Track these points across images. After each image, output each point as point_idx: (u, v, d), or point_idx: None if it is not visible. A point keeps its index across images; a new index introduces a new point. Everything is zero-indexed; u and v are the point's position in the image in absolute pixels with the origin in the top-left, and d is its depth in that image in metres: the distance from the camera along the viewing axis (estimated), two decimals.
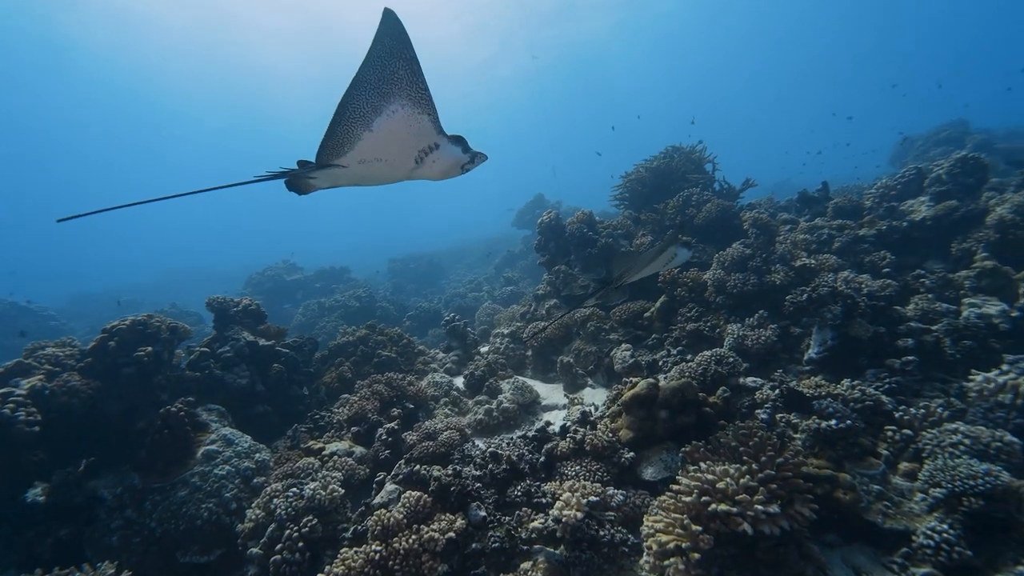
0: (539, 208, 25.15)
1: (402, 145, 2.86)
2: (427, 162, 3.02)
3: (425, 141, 2.90)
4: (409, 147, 2.90)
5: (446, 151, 3.03)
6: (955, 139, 18.86)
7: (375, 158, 2.88)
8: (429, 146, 2.94)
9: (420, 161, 3.00)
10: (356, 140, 2.73)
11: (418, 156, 2.97)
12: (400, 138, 2.81)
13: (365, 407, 6.76)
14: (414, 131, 2.80)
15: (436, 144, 2.95)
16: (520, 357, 9.10)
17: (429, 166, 3.05)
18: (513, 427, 7.27)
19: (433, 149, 2.97)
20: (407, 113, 2.70)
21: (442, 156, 3.03)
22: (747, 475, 4.00)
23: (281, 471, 5.72)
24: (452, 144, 3.04)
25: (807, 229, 7.98)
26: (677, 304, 7.94)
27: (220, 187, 2.77)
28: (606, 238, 9.58)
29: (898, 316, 6.10)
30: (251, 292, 20.45)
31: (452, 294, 18.49)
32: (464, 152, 3.11)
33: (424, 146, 2.93)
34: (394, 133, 2.76)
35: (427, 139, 2.89)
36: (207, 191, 2.73)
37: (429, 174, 3.11)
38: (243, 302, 7.71)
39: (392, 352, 8.76)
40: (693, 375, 5.98)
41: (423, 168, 3.05)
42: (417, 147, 2.92)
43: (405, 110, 2.69)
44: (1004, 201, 6.79)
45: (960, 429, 4.21)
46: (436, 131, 2.87)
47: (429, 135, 2.87)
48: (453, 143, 3.04)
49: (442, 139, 2.95)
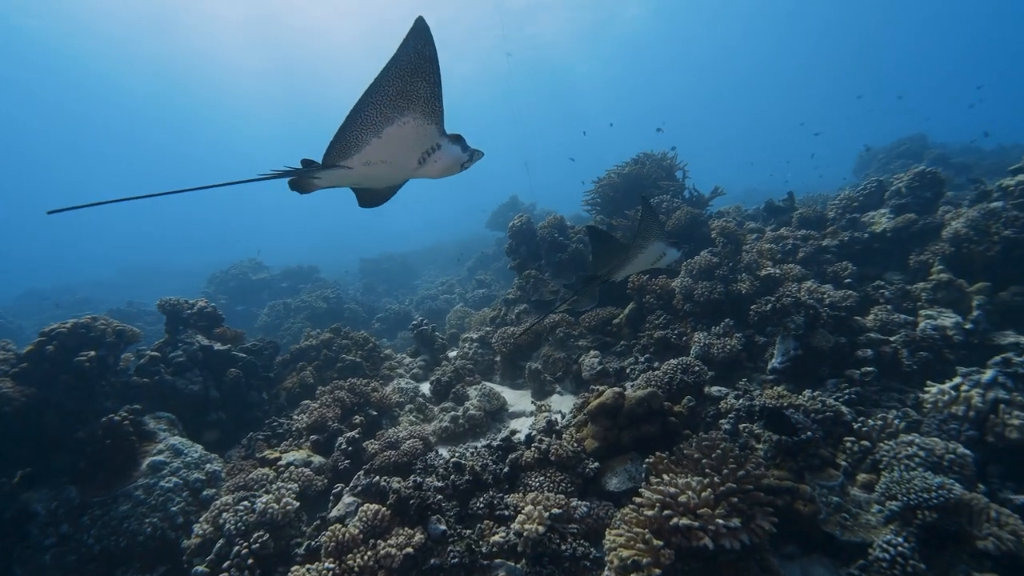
0: (513, 210, 25.08)
1: (408, 149, 2.93)
2: (429, 162, 3.08)
3: (429, 143, 2.97)
4: (414, 150, 2.97)
5: (447, 151, 3.08)
6: (914, 153, 19.57)
7: (381, 160, 2.93)
8: (432, 147, 3.01)
9: (423, 162, 3.06)
10: (364, 145, 2.78)
11: (421, 157, 3.03)
12: (407, 143, 2.88)
13: (325, 414, 6.54)
14: (421, 137, 2.88)
15: (438, 144, 3.01)
16: (489, 363, 8.97)
17: (431, 166, 3.11)
18: (479, 435, 7.15)
19: (435, 149, 3.03)
20: (418, 124, 2.78)
21: (443, 156, 3.09)
22: (709, 488, 3.98)
23: (233, 483, 5.46)
24: (452, 143, 3.09)
25: (773, 239, 8.10)
26: (646, 311, 7.94)
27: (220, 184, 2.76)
28: (577, 243, 9.54)
29: (858, 326, 6.21)
30: (214, 291, 19.79)
31: (423, 296, 18.24)
32: (463, 151, 3.17)
33: (427, 147, 2.99)
34: (402, 139, 2.82)
35: (431, 141, 2.96)
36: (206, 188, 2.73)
37: (430, 173, 3.17)
38: (198, 304, 7.37)
39: (357, 357, 8.53)
40: (659, 384, 5.96)
41: (425, 168, 3.11)
42: (421, 149, 2.98)
43: (417, 122, 2.76)
44: (959, 215, 7.00)
45: (915, 441, 4.28)
46: (440, 133, 2.94)
47: (433, 138, 2.94)
48: (453, 142, 3.10)
49: (443, 139, 3.01)
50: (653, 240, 4.69)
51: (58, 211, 2.45)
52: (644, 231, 4.61)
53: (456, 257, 23.19)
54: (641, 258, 4.84)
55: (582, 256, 9.43)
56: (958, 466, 4.14)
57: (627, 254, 4.75)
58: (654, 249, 4.82)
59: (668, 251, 4.95)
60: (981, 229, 6.51)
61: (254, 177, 2.77)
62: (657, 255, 4.92)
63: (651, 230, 4.60)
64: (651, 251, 4.82)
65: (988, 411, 4.54)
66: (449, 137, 3.04)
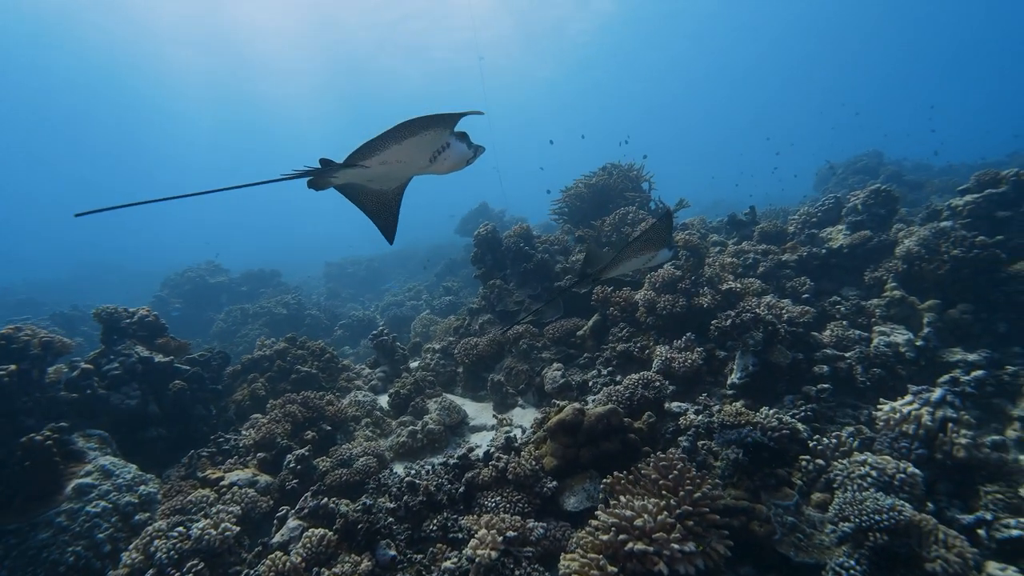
0: (483, 216, 24.93)
1: (422, 151, 3.15)
2: (439, 160, 3.26)
3: (440, 143, 3.17)
4: (427, 151, 3.18)
5: (455, 148, 3.28)
6: (871, 169, 20.30)
7: (396, 160, 3.14)
8: (442, 146, 3.20)
9: (433, 160, 3.25)
10: (384, 149, 2.99)
11: (432, 156, 3.23)
12: (422, 147, 3.10)
13: (274, 430, 6.22)
14: (435, 140, 3.10)
15: (447, 143, 3.21)
16: (451, 374, 8.77)
17: (440, 163, 3.29)
18: (438, 450, 6.94)
19: (445, 148, 3.22)
20: (435, 133, 3.02)
21: (452, 154, 3.28)
22: (665, 511, 3.89)
23: (169, 506, 5.12)
24: (459, 141, 3.28)
25: (734, 253, 8.18)
26: (609, 323, 7.89)
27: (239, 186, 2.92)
28: (542, 253, 9.45)
29: (815, 342, 6.28)
30: (168, 294, 18.95)
31: (389, 302, 17.87)
32: (468, 147, 3.35)
33: (438, 147, 3.19)
34: (419, 145, 3.05)
35: (442, 141, 3.17)
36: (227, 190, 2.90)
37: (439, 170, 3.35)
38: (139, 313, 6.94)
39: (313, 368, 8.21)
40: (620, 399, 5.89)
41: (434, 165, 3.30)
42: (433, 149, 3.18)
43: (435, 133, 3.01)
44: (911, 234, 7.19)
45: (868, 461, 4.29)
46: (450, 133, 3.14)
47: (444, 137, 3.15)
48: (460, 140, 3.28)
49: (452, 138, 3.21)
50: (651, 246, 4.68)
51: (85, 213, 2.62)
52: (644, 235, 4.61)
53: (423, 266, 22.86)
54: (636, 260, 4.82)
55: (548, 266, 9.34)
56: (908, 485, 4.17)
57: (622, 252, 4.70)
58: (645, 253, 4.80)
59: (660, 250, 4.94)
60: (932, 248, 6.69)
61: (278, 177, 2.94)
62: (650, 254, 4.90)
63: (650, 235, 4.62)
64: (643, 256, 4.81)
65: (937, 429, 4.60)
66: (456, 135, 3.22)
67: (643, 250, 4.68)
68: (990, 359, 5.89)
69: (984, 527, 3.96)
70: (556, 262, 9.54)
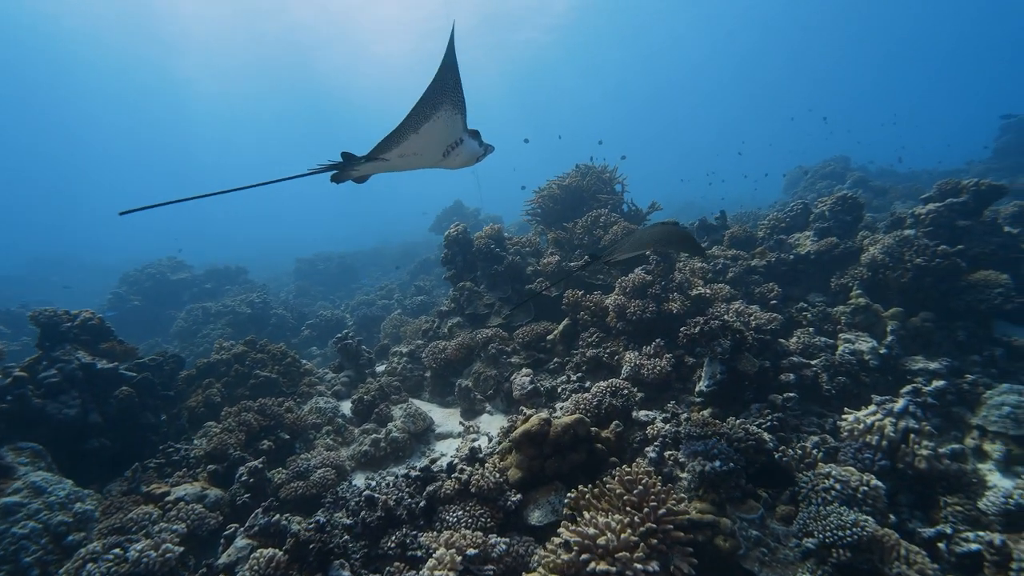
0: (457, 215, 24.66)
1: (438, 143, 3.24)
2: (452, 155, 3.38)
3: (454, 137, 3.27)
4: (443, 144, 3.27)
5: (467, 145, 3.40)
6: (838, 174, 20.73)
7: (414, 153, 3.21)
8: (456, 141, 3.31)
9: (447, 154, 3.36)
10: (403, 140, 3.06)
11: (446, 150, 3.33)
12: (438, 137, 3.18)
13: (227, 441, 5.92)
14: (450, 130, 3.16)
15: (461, 139, 3.32)
16: (418, 379, 8.55)
17: (453, 158, 3.41)
18: (402, 458, 6.73)
19: (458, 143, 3.33)
20: (448, 116, 3.04)
21: (464, 150, 3.41)
22: (629, 528, 3.77)
23: (107, 525, 4.79)
24: (471, 138, 3.41)
25: (704, 258, 8.15)
26: (580, 328, 7.78)
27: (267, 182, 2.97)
28: (514, 255, 9.28)
29: (782, 350, 6.27)
30: (127, 291, 18.15)
31: (360, 301, 17.45)
32: (479, 145, 3.50)
33: (452, 141, 3.29)
34: (435, 133, 3.11)
35: (456, 135, 3.26)
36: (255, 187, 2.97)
37: (451, 164, 3.46)
38: (81, 315, 6.52)
39: (273, 372, 7.88)
40: (588, 408, 5.77)
41: (447, 160, 3.40)
42: (447, 143, 3.28)
43: (447, 114, 3.02)
44: (876, 241, 7.27)
45: (832, 473, 4.26)
46: (463, 128, 3.24)
47: (458, 132, 3.24)
48: (472, 137, 3.41)
49: (465, 134, 3.32)
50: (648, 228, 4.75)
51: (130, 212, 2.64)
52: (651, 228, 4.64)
53: (395, 266, 22.44)
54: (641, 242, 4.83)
55: (519, 268, 9.18)
56: (871, 498, 4.15)
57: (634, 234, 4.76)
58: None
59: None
60: (896, 256, 6.76)
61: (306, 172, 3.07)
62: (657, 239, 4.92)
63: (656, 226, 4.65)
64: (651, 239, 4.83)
65: (899, 440, 4.61)
66: (469, 132, 3.35)
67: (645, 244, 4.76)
68: (950, 367, 5.97)
69: (944, 541, 3.96)
70: (527, 264, 9.39)
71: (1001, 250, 7.12)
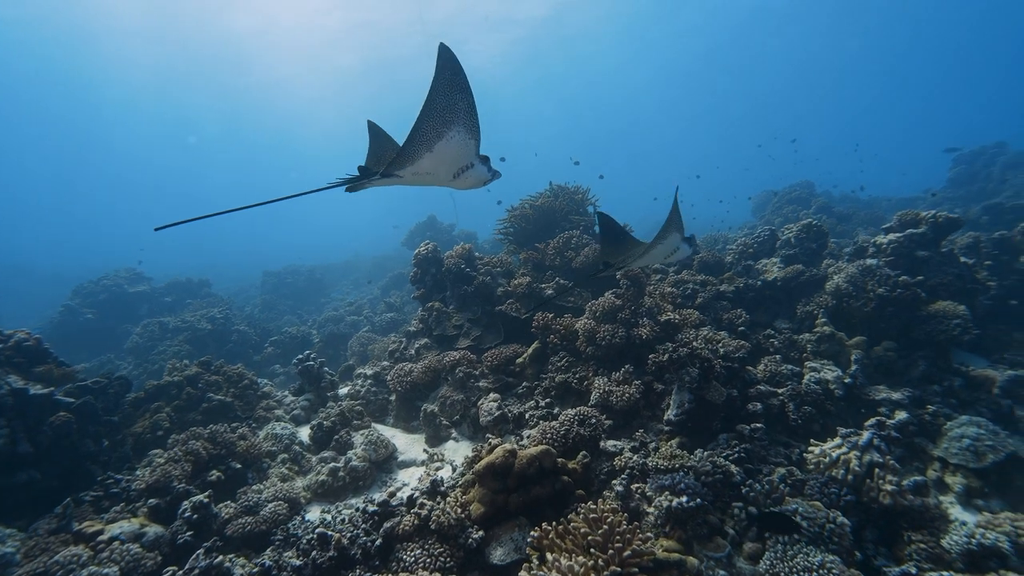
0: (431, 230, 24.41)
1: (450, 164, 3.36)
2: (462, 177, 3.50)
3: (466, 161, 3.39)
4: (454, 166, 3.40)
5: (477, 169, 3.51)
6: (803, 199, 21.31)
7: (426, 172, 3.35)
8: (467, 164, 3.42)
9: (457, 176, 3.49)
10: (418, 158, 3.20)
11: (457, 172, 3.46)
12: (451, 158, 3.30)
13: (171, 472, 5.55)
14: (462, 153, 3.29)
15: (471, 163, 3.44)
16: (382, 403, 8.27)
17: (462, 180, 3.54)
18: (362, 488, 6.44)
19: (469, 167, 3.45)
20: (462, 139, 3.17)
21: (474, 174, 3.52)
22: (593, 572, 3.62)
23: (28, 570, 4.38)
24: (481, 163, 3.52)
25: (674, 282, 8.17)
26: (549, 351, 7.65)
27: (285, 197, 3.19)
28: (484, 276, 9.13)
29: (750, 378, 6.25)
30: (79, 303, 17.27)
31: (327, 317, 16.98)
32: (488, 171, 3.60)
33: (464, 164, 3.41)
34: (448, 154, 3.24)
35: (468, 159, 3.38)
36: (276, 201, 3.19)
37: (458, 186, 3.61)
38: (15, 336, 6.08)
39: (228, 396, 7.50)
40: (555, 437, 5.62)
41: (456, 182, 3.55)
42: (459, 165, 3.40)
43: (460, 136, 3.15)
44: (840, 270, 7.38)
45: (799, 511, 4.19)
46: (475, 153, 3.37)
47: (470, 156, 3.36)
48: (482, 162, 3.52)
49: (476, 159, 3.44)
50: (672, 231, 4.63)
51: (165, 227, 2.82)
52: (668, 223, 4.52)
53: (367, 281, 21.97)
54: (660, 248, 4.79)
55: (489, 289, 9.03)
56: (837, 536, 4.09)
57: (648, 244, 4.69)
58: (671, 241, 4.77)
59: (681, 246, 4.96)
60: (859, 285, 6.87)
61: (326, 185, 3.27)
62: (673, 248, 4.89)
63: (672, 221, 4.53)
64: (669, 242, 4.76)
65: (864, 475, 4.59)
66: (480, 157, 3.46)
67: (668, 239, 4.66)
68: (912, 397, 6.04)
69: None
70: (498, 285, 9.24)
71: (958, 280, 7.31)
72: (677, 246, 4.94)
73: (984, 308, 7.62)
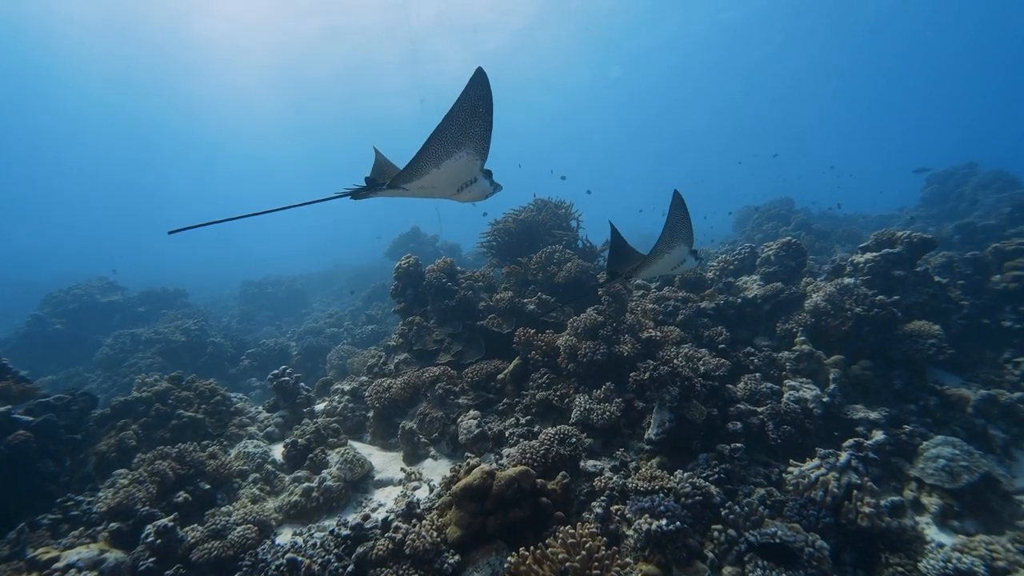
0: (414, 241, 24.24)
1: (455, 179, 3.45)
2: (465, 191, 3.60)
3: (470, 176, 3.47)
4: (458, 181, 3.48)
5: (480, 184, 3.60)
6: (783, 216, 21.66)
7: (431, 186, 3.45)
8: (471, 179, 3.51)
9: (460, 191, 3.58)
10: (424, 173, 3.29)
11: (460, 187, 3.54)
12: (456, 175, 3.40)
13: (135, 494, 5.32)
14: (468, 170, 3.38)
15: (475, 178, 3.52)
16: (360, 419, 8.09)
17: (465, 194, 3.63)
18: (336, 509, 6.26)
19: (472, 182, 3.54)
20: (470, 158, 3.27)
21: (476, 188, 3.61)
22: None
23: None
24: (484, 178, 3.60)
25: (655, 299, 8.16)
26: (531, 368, 7.58)
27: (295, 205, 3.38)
28: (466, 290, 9.05)
29: (730, 396, 6.25)
30: (48, 313, 16.73)
31: (307, 329, 16.70)
32: (490, 185, 3.69)
33: (468, 179, 3.50)
34: (453, 171, 3.33)
35: (472, 175, 3.47)
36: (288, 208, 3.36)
37: (462, 199, 3.69)
38: None
39: (199, 412, 7.27)
40: (535, 457, 5.53)
41: (459, 195, 3.63)
42: (463, 181, 3.49)
43: (469, 155, 3.25)
44: (818, 288, 7.46)
45: (778, 534, 4.15)
46: (480, 169, 3.45)
47: (474, 172, 3.45)
48: (485, 176, 3.60)
49: (480, 174, 3.52)
50: (679, 243, 4.63)
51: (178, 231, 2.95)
52: (672, 231, 4.49)
53: (349, 291, 21.66)
54: (666, 259, 4.79)
55: (471, 303, 8.95)
56: (816, 560, 4.06)
57: (652, 253, 4.67)
58: (678, 253, 4.76)
59: (688, 259, 4.96)
60: (837, 304, 6.94)
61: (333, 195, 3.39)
62: (679, 260, 4.88)
63: (679, 231, 4.53)
64: (676, 254, 4.76)
65: (843, 496, 4.58)
66: (484, 172, 3.54)
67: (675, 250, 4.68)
68: (889, 417, 6.08)
69: None
70: (480, 299, 9.16)
71: (932, 300, 7.43)
72: (684, 258, 4.98)
73: (958, 327, 7.76)
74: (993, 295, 8.57)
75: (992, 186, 20.44)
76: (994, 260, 8.98)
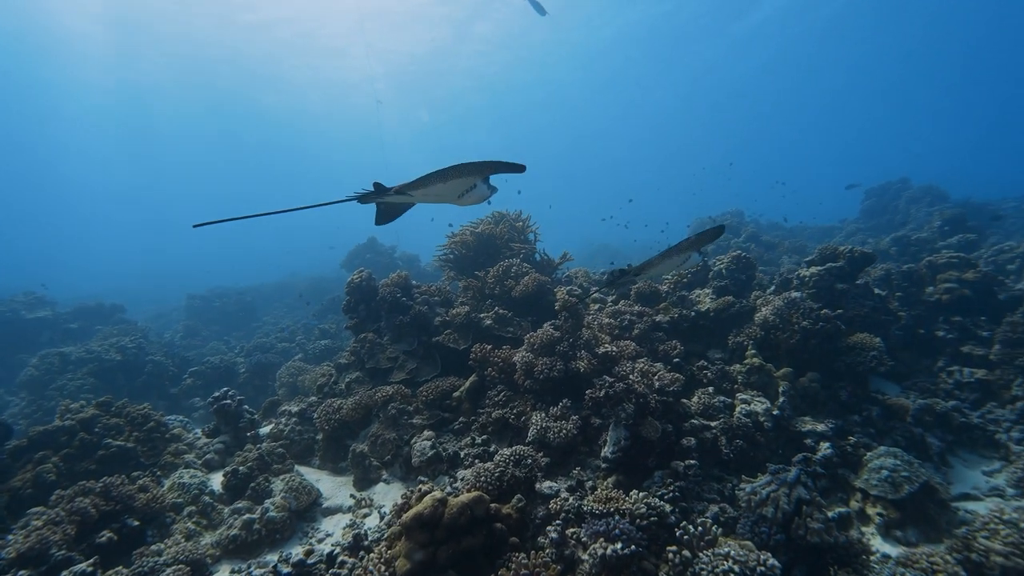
0: (371, 252, 23.72)
1: (458, 189, 3.65)
2: (466, 197, 3.74)
3: (470, 184, 3.65)
4: (460, 191, 3.67)
5: (479, 189, 3.73)
6: (734, 227, 22.38)
7: (435, 195, 3.67)
8: (471, 186, 3.68)
9: (460, 197, 3.73)
10: (430, 185, 3.52)
11: (461, 194, 3.71)
12: (459, 186, 3.62)
13: (49, 537, 4.84)
14: (470, 183, 3.62)
15: (475, 185, 3.68)
16: (308, 442, 7.73)
17: (465, 200, 3.77)
18: (280, 542, 5.91)
19: (472, 188, 3.69)
20: (474, 179, 3.59)
21: (476, 193, 3.75)
22: None
23: None
24: (483, 183, 3.73)
25: (612, 313, 8.18)
26: (488, 385, 7.42)
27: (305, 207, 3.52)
28: (421, 305, 8.83)
29: (684, 411, 6.28)
30: None
31: (256, 344, 15.97)
32: (488, 188, 3.80)
33: (468, 187, 3.67)
34: (458, 184, 3.59)
35: (472, 183, 3.65)
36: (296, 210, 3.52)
37: (459, 203, 3.82)
38: None
39: (129, 440, 6.76)
40: (489, 480, 5.36)
41: (460, 200, 3.77)
42: (464, 189, 3.67)
43: (474, 179, 3.59)
44: (768, 302, 7.64)
45: (731, 554, 4.14)
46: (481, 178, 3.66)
47: (475, 181, 3.64)
48: (483, 182, 3.73)
49: (479, 180, 3.67)
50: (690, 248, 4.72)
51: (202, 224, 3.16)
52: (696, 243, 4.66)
53: (305, 303, 20.91)
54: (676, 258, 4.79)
55: (426, 319, 8.73)
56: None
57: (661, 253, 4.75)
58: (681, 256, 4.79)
59: (692, 255, 4.98)
60: (784, 318, 7.12)
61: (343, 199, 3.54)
62: (684, 257, 4.89)
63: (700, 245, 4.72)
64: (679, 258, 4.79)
65: (793, 513, 4.63)
66: (483, 179, 3.69)
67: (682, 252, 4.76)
68: (835, 428, 6.24)
69: None
70: (436, 315, 8.95)
71: (873, 312, 7.74)
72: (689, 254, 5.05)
73: (896, 338, 8.10)
74: (928, 306, 9.02)
75: (923, 200, 21.76)
76: (928, 273, 9.48)
